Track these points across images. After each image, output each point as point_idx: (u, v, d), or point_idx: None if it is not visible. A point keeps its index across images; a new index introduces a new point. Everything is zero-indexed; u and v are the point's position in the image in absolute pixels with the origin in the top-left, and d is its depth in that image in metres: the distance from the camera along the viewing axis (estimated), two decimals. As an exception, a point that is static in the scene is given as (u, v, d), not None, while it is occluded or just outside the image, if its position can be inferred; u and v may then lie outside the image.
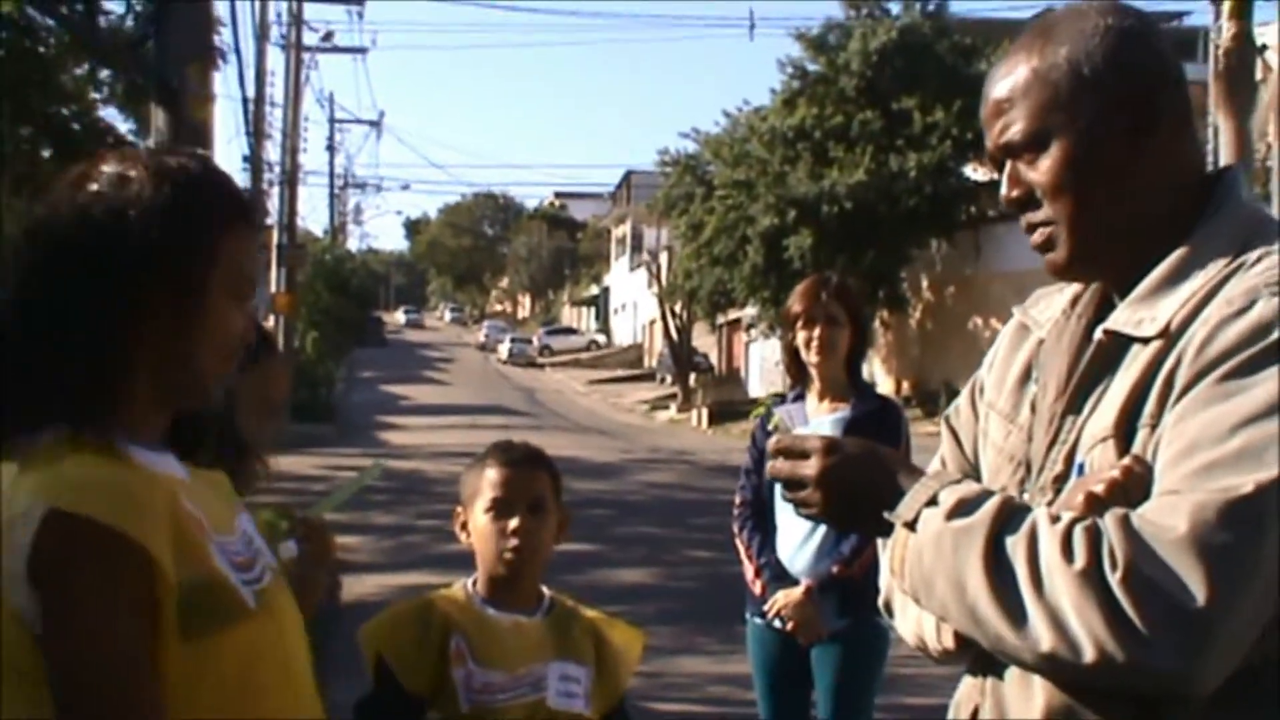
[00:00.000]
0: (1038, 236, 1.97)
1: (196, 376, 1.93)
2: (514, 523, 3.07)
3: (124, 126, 18.16)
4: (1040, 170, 1.93)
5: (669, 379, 48.27)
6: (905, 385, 34.94)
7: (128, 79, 15.81)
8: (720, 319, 43.05)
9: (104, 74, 17.32)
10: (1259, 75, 19.39)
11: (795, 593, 4.77)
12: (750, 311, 38.09)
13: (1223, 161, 16.11)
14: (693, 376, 44.38)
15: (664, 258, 49.30)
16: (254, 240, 2.01)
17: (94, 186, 1.89)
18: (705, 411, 37.67)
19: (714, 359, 50.51)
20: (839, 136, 33.29)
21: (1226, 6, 16.78)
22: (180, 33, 10.04)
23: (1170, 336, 1.80)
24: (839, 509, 1.93)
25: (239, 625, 1.83)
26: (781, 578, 4.82)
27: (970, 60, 32.96)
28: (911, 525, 1.82)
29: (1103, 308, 1.97)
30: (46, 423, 1.82)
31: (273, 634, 1.91)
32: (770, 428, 4.40)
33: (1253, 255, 1.82)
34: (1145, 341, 1.82)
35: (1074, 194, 1.91)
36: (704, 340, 49.39)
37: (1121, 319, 1.87)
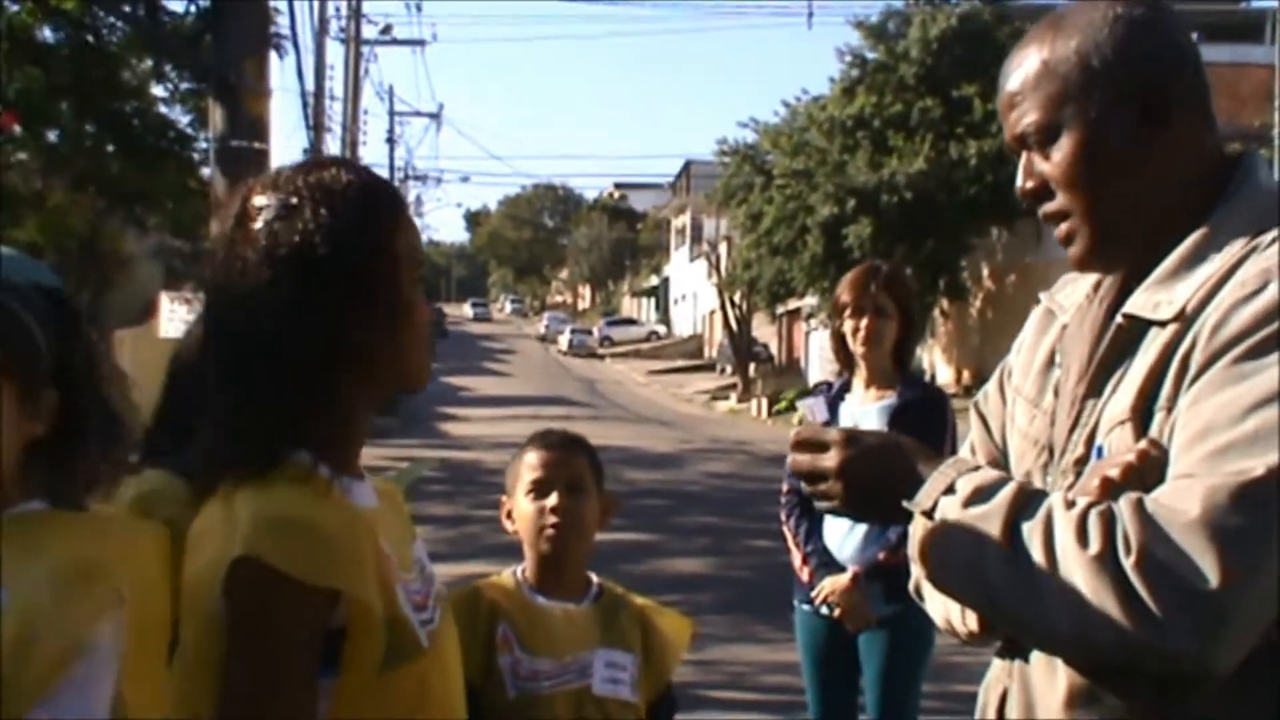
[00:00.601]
0: (1058, 231, 1.97)
1: (413, 374, 1.93)
2: (552, 500, 3.08)
3: (182, 121, 18.44)
4: (1052, 162, 1.93)
5: (729, 369, 48.14)
6: (965, 374, 34.68)
7: (188, 74, 16.02)
8: (780, 309, 42.88)
9: (166, 69, 17.55)
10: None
11: (842, 580, 4.77)
12: (810, 301, 37.91)
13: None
14: (752, 366, 44.20)
15: (723, 248, 49.20)
16: (411, 219, 1.96)
17: (259, 225, 1.83)
18: (765, 401, 37.54)
19: (774, 349, 50.35)
20: (898, 125, 33.03)
21: (1292, -12, 16.59)
22: (238, 28, 10.16)
23: (1186, 319, 1.79)
24: (859, 500, 1.94)
25: (412, 664, 1.84)
26: (829, 565, 4.82)
27: (1031, 46, 32.56)
28: (930, 514, 1.84)
29: (1124, 291, 1.96)
30: (282, 456, 1.81)
31: (439, 673, 1.92)
32: (796, 421, 4.40)
33: (1268, 237, 1.81)
34: (1163, 324, 1.82)
35: (1085, 187, 1.91)
36: (764, 330, 49.24)
37: (1139, 302, 1.87)
